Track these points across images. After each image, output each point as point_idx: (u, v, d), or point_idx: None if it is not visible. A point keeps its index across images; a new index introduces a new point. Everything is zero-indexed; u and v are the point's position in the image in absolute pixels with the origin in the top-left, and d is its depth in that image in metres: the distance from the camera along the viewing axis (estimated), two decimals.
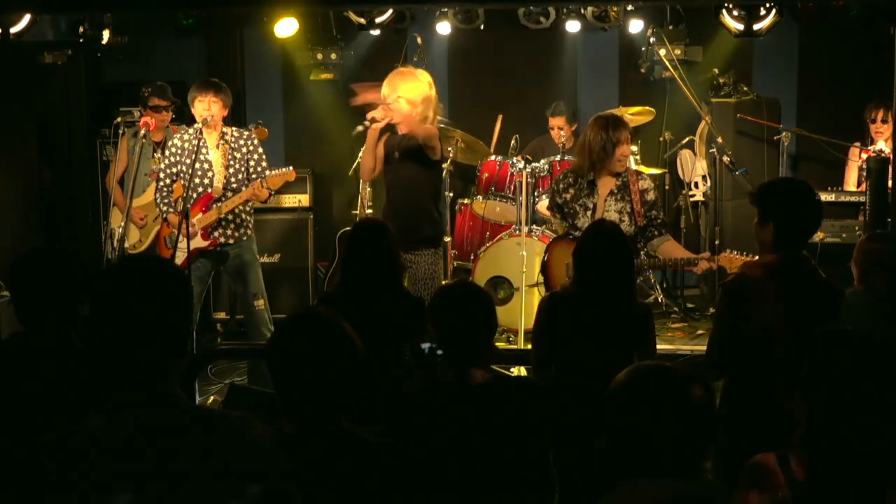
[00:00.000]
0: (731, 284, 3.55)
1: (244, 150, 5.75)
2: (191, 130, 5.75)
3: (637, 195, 5.08)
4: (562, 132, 7.57)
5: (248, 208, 5.82)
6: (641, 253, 5.08)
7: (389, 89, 5.19)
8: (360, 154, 5.32)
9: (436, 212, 5.37)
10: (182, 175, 5.69)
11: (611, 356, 3.62)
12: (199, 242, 5.65)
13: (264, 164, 5.81)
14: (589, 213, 5.08)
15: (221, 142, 5.72)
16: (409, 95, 5.18)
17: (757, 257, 4.30)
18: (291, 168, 5.95)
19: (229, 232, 5.75)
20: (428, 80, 5.29)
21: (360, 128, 5.31)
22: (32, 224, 7.22)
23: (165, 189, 5.77)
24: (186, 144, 5.71)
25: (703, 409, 2.12)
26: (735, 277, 3.57)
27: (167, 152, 5.80)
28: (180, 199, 5.75)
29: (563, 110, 7.66)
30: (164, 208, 5.77)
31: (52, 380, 2.79)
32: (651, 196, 5.14)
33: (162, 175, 5.78)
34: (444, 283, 5.15)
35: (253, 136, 5.90)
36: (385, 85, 5.24)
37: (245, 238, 5.82)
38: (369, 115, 5.24)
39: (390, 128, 5.43)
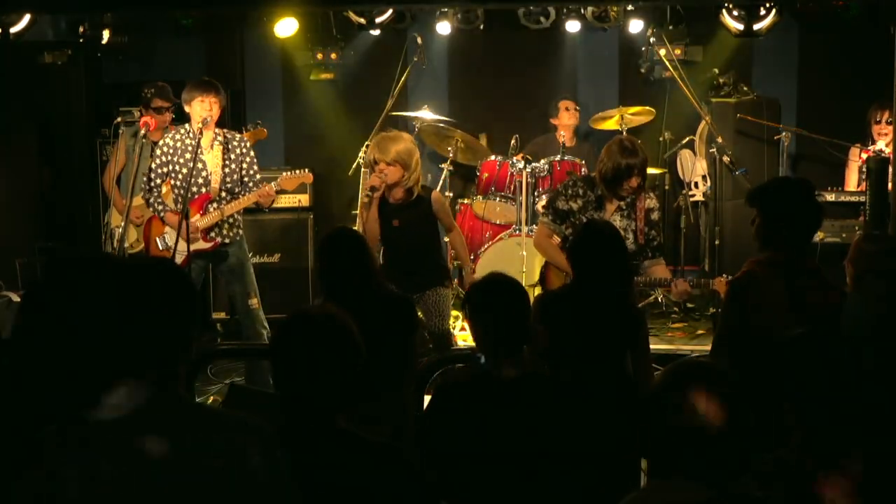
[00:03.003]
0: (739, 280, 3.56)
1: (238, 151, 5.74)
2: (182, 130, 5.72)
3: (642, 212, 5.08)
4: (574, 113, 7.69)
5: None
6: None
7: (379, 151, 5.11)
8: (358, 217, 5.28)
9: (439, 254, 5.40)
10: (172, 175, 5.68)
11: (603, 354, 3.63)
12: (200, 244, 5.64)
13: (256, 167, 5.80)
14: None
15: (216, 143, 5.70)
16: (402, 159, 5.09)
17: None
18: (307, 170, 5.96)
19: (225, 231, 5.74)
20: (411, 139, 5.25)
21: (365, 199, 5.20)
22: (32, 224, 7.23)
23: (156, 189, 5.74)
24: (178, 144, 5.68)
25: (745, 412, 2.04)
26: (742, 274, 3.59)
27: (158, 151, 5.73)
28: (171, 199, 5.73)
29: (568, 95, 7.80)
30: (160, 207, 5.74)
31: None
32: (655, 216, 5.14)
33: (153, 175, 5.73)
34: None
35: (245, 138, 5.89)
36: (374, 148, 5.18)
37: (238, 238, 5.82)
38: (368, 185, 5.16)
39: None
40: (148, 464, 1.91)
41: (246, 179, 5.75)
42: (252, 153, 5.82)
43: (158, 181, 5.72)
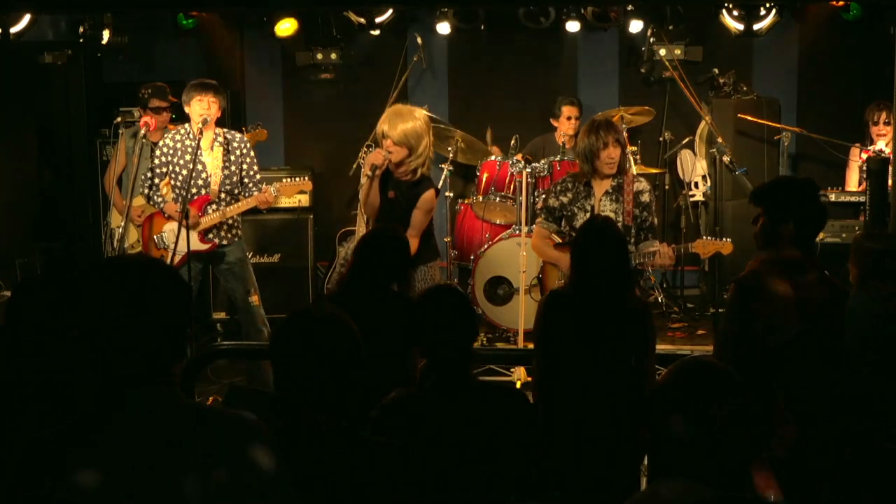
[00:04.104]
0: (745, 279, 3.56)
1: (238, 152, 5.73)
2: (182, 130, 5.72)
3: (630, 195, 5.11)
4: (574, 122, 7.62)
5: None
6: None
7: (388, 127, 5.01)
8: (361, 190, 5.25)
9: (428, 236, 5.18)
10: (172, 175, 5.67)
11: (610, 353, 3.63)
12: (197, 245, 5.63)
13: (256, 167, 5.79)
14: (587, 214, 5.12)
15: (216, 143, 5.70)
16: (408, 141, 4.99)
17: (725, 239, 4.78)
18: (307, 178, 5.94)
19: (223, 233, 5.74)
20: (424, 119, 5.08)
21: (364, 180, 5.14)
22: (32, 224, 7.23)
23: (154, 186, 5.74)
24: (178, 144, 5.67)
25: (747, 413, 2.04)
26: (749, 273, 3.59)
27: (157, 151, 5.74)
28: (171, 199, 5.72)
29: (573, 100, 7.76)
30: (158, 199, 5.74)
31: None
32: (645, 198, 5.16)
33: (150, 174, 5.72)
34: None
35: (245, 138, 5.88)
36: (383, 121, 5.07)
37: (237, 238, 5.82)
38: (369, 164, 5.11)
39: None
40: (145, 464, 1.91)
41: (246, 180, 5.74)
42: (252, 153, 5.81)
43: (157, 180, 5.72)
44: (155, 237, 5.87)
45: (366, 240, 4.03)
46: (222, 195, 5.68)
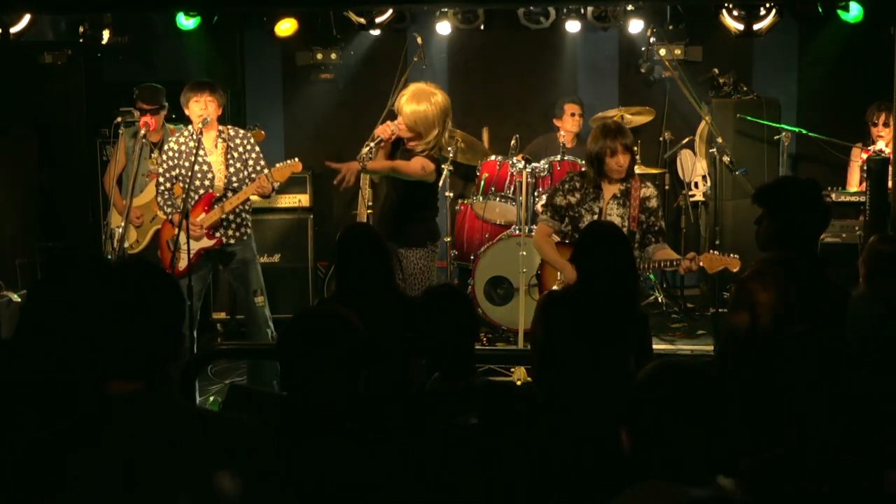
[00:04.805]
0: (747, 280, 3.57)
1: (241, 148, 5.74)
2: (185, 132, 5.73)
3: (637, 201, 5.10)
4: (578, 119, 7.64)
5: (247, 207, 5.83)
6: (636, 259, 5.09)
7: (404, 104, 5.02)
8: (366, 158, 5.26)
9: (428, 215, 5.23)
10: (181, 177, 5.68)
11: (607, 356, 3.62)
12: (204, 242, 5.65)
13: (262, 161, 5.80)
14: (595, 217, 5.11)
15: (219, 141, 5.70)
16: (414, 126, 5.02)
17: (732, 255, 4.84)
18: (297, 159, 5.92)
19: (231, 232, 5.75)
20: (440, 106, 5.05)
21: (364, 150, 5.15)
22: (32, 224, 7.23)
23: (167, 192, 5.75)
24: (183, 147, 5.68)
25: (719, 412, 2.05)
26: (751, 272, 3.59)
27: (164, 156, 5.76)
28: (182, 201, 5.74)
29: (574, 98, 7.76)
30: (169, 210, 5.75)
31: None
32: (652, 203, 5.16)
33: (161, 179, 5.75)
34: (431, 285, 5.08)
35: (248, 134, 5.89)
36: (402, 95, 5.09)
37: (246, 237, 5.83)
38: (376, 134, 5.12)
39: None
40: (142, 465, 1.91)
41: (254, 175, 5.75)
42: (257, 148, 5.83)
43: (168, 185, 5.73)
44: (167, 242, 5.88)
45: (338, 244, 4.02)
46: (229, 193, 5.69)
